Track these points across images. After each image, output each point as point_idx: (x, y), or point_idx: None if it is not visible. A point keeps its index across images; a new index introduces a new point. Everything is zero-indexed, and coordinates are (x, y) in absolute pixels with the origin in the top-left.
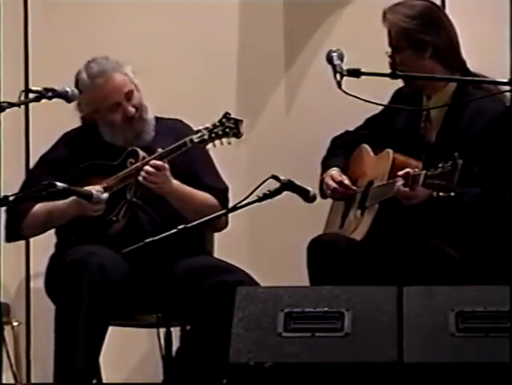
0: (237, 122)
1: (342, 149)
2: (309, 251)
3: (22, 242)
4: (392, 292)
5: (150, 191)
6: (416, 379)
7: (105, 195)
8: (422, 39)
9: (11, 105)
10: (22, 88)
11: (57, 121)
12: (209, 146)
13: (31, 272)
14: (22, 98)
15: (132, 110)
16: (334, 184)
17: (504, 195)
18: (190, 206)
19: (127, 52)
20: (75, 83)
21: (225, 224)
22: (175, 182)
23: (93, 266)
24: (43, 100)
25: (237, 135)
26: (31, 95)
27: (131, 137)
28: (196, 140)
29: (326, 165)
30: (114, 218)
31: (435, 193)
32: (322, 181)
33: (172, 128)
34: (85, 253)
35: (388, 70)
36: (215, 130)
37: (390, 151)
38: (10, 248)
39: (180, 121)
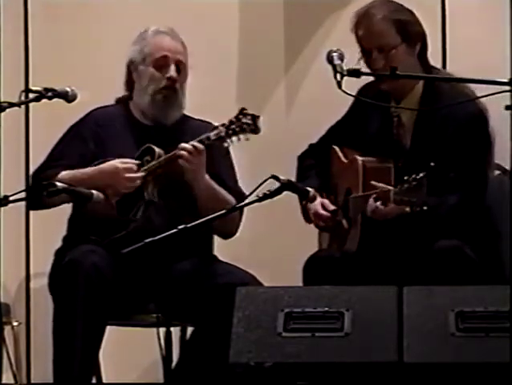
0: (255, 117)
1: (313, 168)
2: (305, 270)
3: (22, 242)
4: (392, 292)
5: (167, 189)
6: (416, 379)
7: (141, 174)
8: (415, 30)
9: (11, 105)
10: (22, 88)
11: (57, 121)
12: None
13: (31, 272)
14: (22, 98)
15: (175, 74)
16: (326, 213)
17: (482, 198)
18: (215, 204)
19: (126, 52)
20: (138, 37)
21: (235, 232)
22: (207, 176)
23: (88, 266)
24: (43, 100)
25: (255, 130)
26: (31, 95)
27: (159, 100)
28: (213, 138)
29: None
30: (133, 217)
31: (408, 208)
32: (304, 207)
33: (200, 127)
34: (81, 253)
35: None
36: (232, 126)
37: (359, 158)
38: (10, 248)
39: (210, 123)
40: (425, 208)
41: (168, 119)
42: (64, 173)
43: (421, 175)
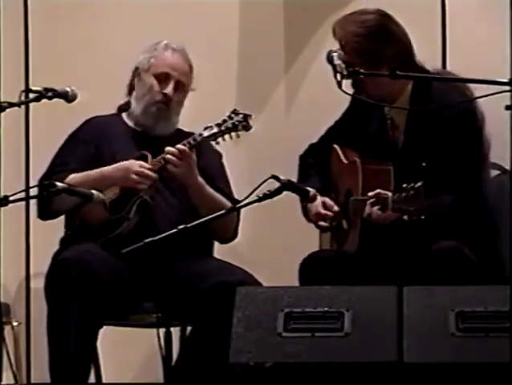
0: (246, 116)
1: (313, 167)
2: (300, 271)
3: (22, 242)
4: (392, 292)
5: (164, 186)
6: (416, 379)
7: (154, 174)
8: (377, 57)
9: (11, 105)
10: (22, 88)
11: (57, 121)
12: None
13: (31, 272)
14: (22, 98)
15: (171, 92)
16: (328, 213)
17: (477, 195)
18: (211, 206)
19: (127, 52)
20: (150, 46)
21: (234, 236)
22: (200, 179)
23: (81, 266)
24: (43, 100)
25: (247, 128)
26: (31, 95)
27: (152, 112)
28: (205, 135)
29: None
30: (125, 215)
31: (406, 217)
32: (304, 206)
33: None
34: (75, 253)
35: None
36: (224, 124)
37: (358, 160)
38: (10, 248)
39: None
40: (423, 217)
41: (157, 130)
42: (72, 176)
43: (419, 184)
